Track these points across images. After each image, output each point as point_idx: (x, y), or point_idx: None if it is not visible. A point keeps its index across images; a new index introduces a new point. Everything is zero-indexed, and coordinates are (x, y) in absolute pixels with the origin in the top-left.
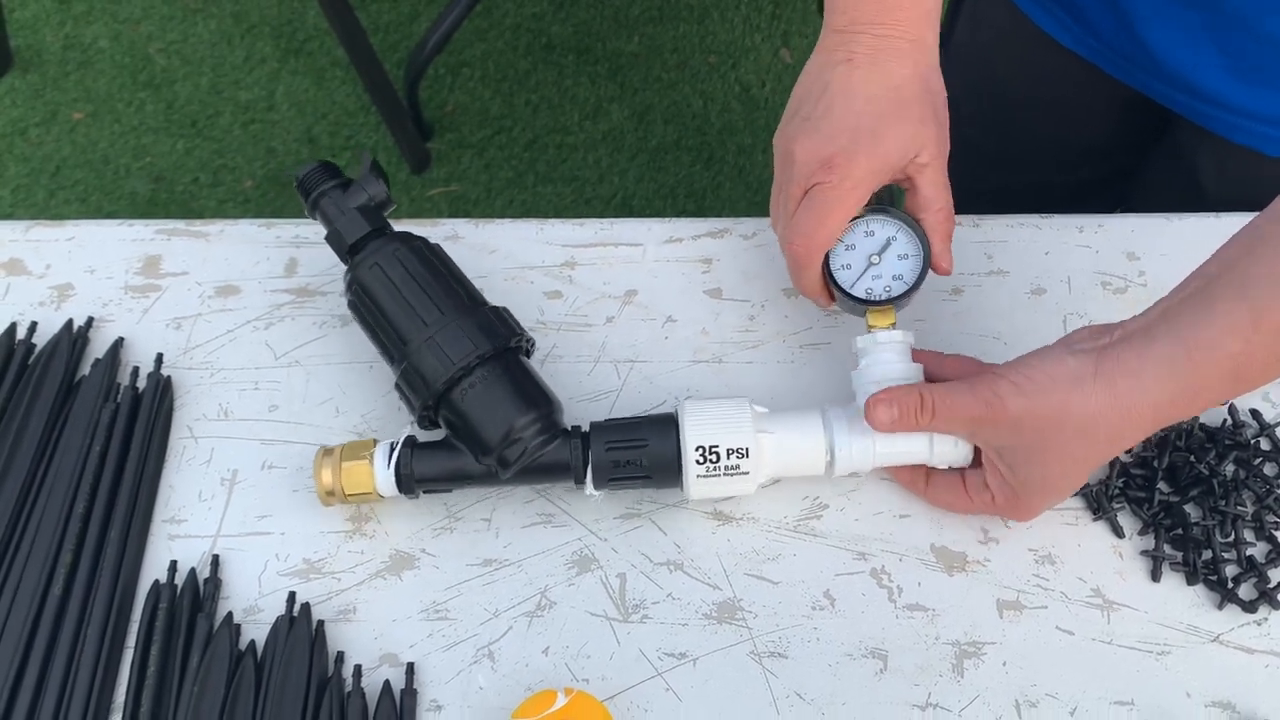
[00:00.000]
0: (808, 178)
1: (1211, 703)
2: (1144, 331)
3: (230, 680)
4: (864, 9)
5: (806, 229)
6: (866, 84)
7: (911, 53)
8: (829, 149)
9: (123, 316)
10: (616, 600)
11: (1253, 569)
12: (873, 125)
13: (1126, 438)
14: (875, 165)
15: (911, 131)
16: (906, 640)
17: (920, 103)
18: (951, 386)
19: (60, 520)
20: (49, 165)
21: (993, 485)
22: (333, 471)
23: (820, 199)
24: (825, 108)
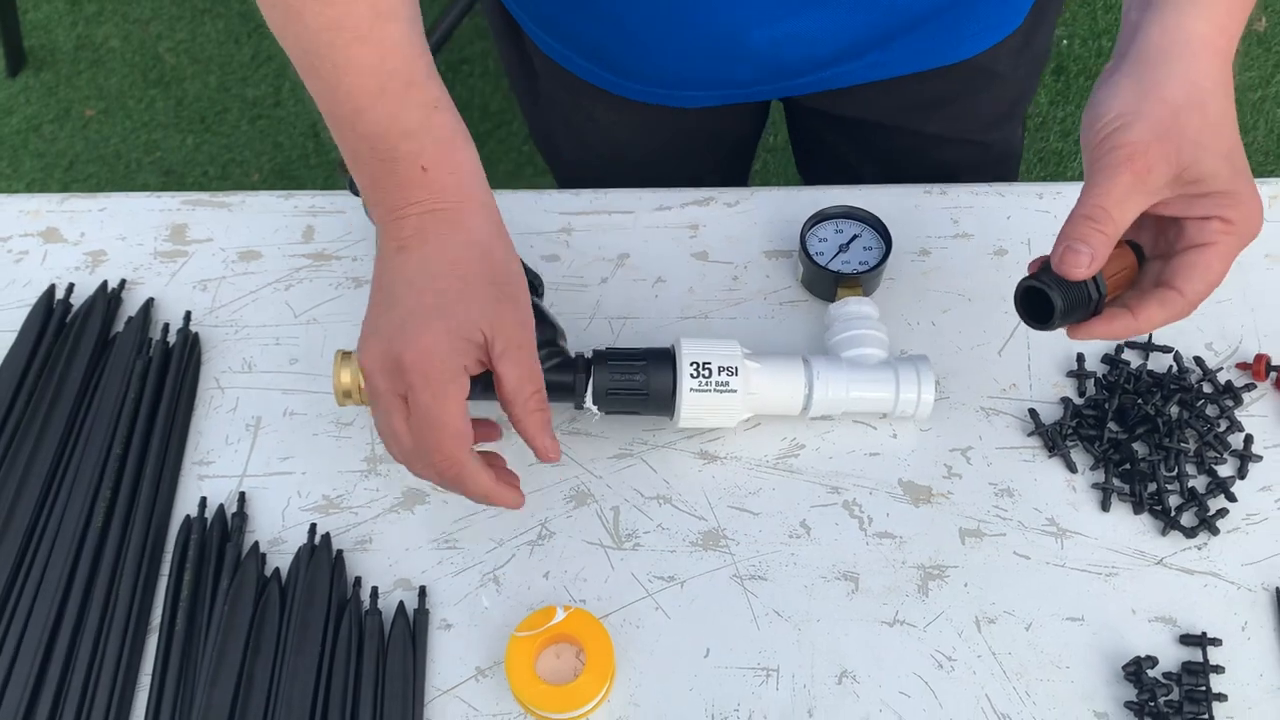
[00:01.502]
0: (391, 391)
1: (1155, 618)
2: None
3: (257, 602)
4: (398, 190)
5: (431, 446)
6: (423, 267)
7: (463, 219)
8: (398, 349)
9: (152, 279)
10: (611, 530)
11: (1194, 499)
12: (440, 307)
13: (1217, 70)
14: (458, 347)
15: (479, 312)
16: (876, 564)
17: (483, 279)
18: (1092, 184)
19: (99, 461)
20: (62, 160)
21: (1205, 212)
22: (351, 371)
23: (422, 414)
24: (387, 307)
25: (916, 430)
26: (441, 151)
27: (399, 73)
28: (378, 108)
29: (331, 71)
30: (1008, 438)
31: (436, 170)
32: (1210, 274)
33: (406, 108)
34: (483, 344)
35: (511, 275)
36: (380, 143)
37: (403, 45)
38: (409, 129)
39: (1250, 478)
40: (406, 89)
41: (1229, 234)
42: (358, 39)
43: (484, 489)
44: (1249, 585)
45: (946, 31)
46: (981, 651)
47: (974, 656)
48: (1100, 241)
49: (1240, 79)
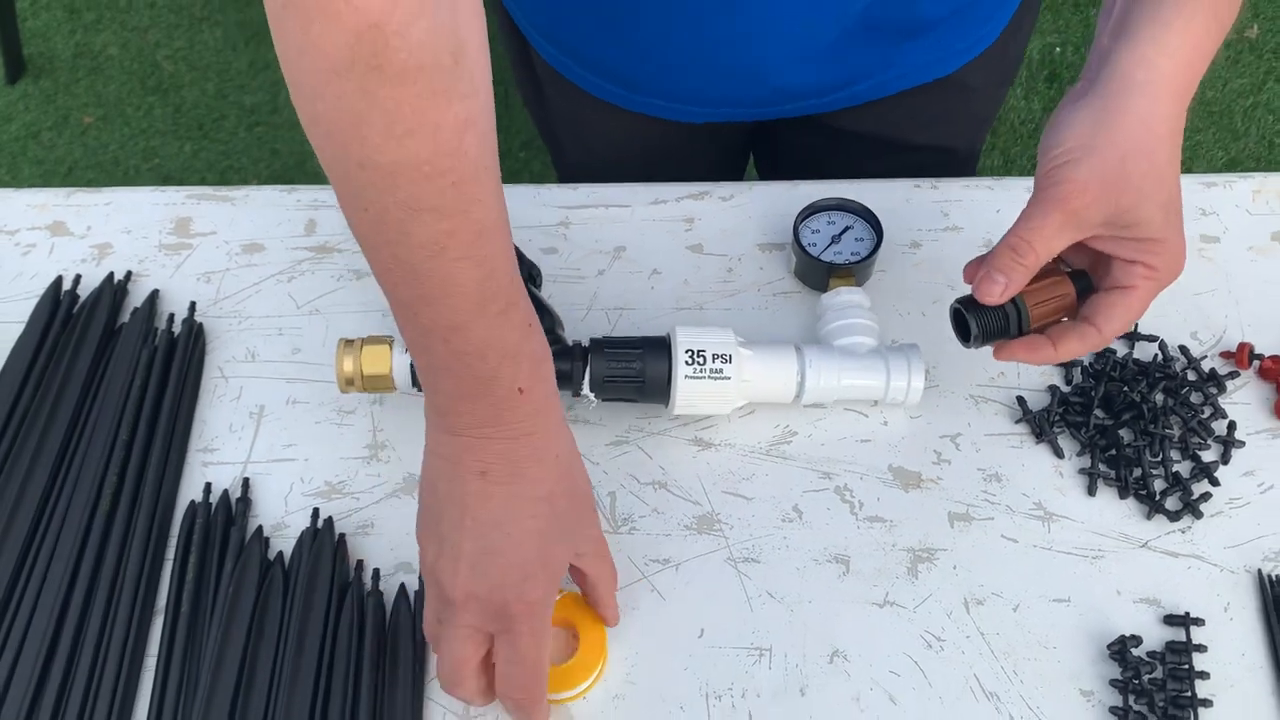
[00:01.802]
0: (481, 629)
1: (1139, 599)
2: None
3: (261, 584)
4: (490, 410)
5: (517, 684)
6: (517, 507)
7: (550, 443)
8: (505, 597)
9: (158, 272)
10: (608, 514)
11: (1178, 484)
12: (542, 555)
13: (1173, 117)
14: (556, 589)
15: (571, 542)
16: (866, 547)
17: (569, 504)
18: (1026, 215)
19: (106, 449)
20: (61, 167)
21: (1132, 256)
22: (353, 359)
23: (520, 658)
24: (478, 539)
25: (907, 417)
26: (536, 373)
27: (501, 293)
28: (478, 327)
29: (433, 286)
30: (996, 424)
31: (531, 393)
32: (1129, 314)
33: (507, 328)
34: (565, 566)
35: (584, 480)
36: (478, 361)
37: (504, 262)
38: (509, 350)
39: (1233, 463)
40: (507, 309)
41: (1151, 279)
42: (463, 257)
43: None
44: (1231, 567)
45: (940, 48)
46: (970, 632)
47: (963, 637)
48: (1018, 273)
49: (1232, 85)
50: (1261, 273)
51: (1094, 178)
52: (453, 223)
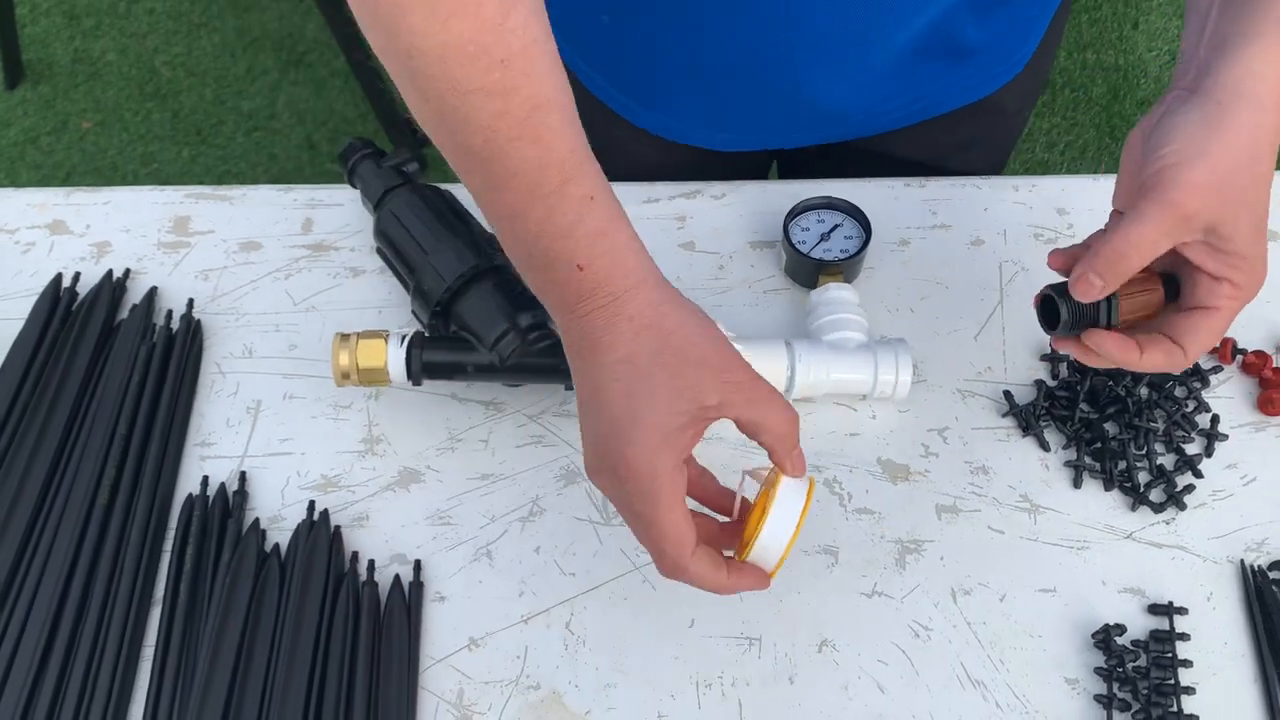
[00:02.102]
0: (619, 502)
1: (1124, 589)
2: (1214, 52)
3: (257, 576)
4: (558, 293)
5: (655, 552)
6: (601, 373)
7: (625, 309)
8: (609, 464)
9: (156, 269)
10: (599, 507)
11: (1162, 476)
12: (630, 413)
13: (1277, 131)
14: (659, 444)
15: (672, 397)
16: (855, 539)
17: (667, 362)
18: (1134, 219)
19: (104, 442)
20: (59, 172)
21: (1219, 272)
22: (349, 352)
23: (636, 523)
24: (588, 415)
25: (895, 411)
26: (595, 247)
27: (555, 169)
28: (535, 210)
29: (495, 171)
30: (983, 418)
31: (591, 267)
32: (1214, 335)
33: (562, 206)
34: (688, 422)
35: (688, 332)
36: (535, 247)
37: (561, 139)
38: (560, 229)
39: (1216, 456)
40: (563, 185)
41: (1235, 299)
42: (517, 136)
43: (714, 586)
44: (1214, 558)
45: (980, 71)
46: (957, 621)
47: (950, 626)
48: (1116, 276)
49: None
50: None
51: (1208, 181)
52: (504, 102)
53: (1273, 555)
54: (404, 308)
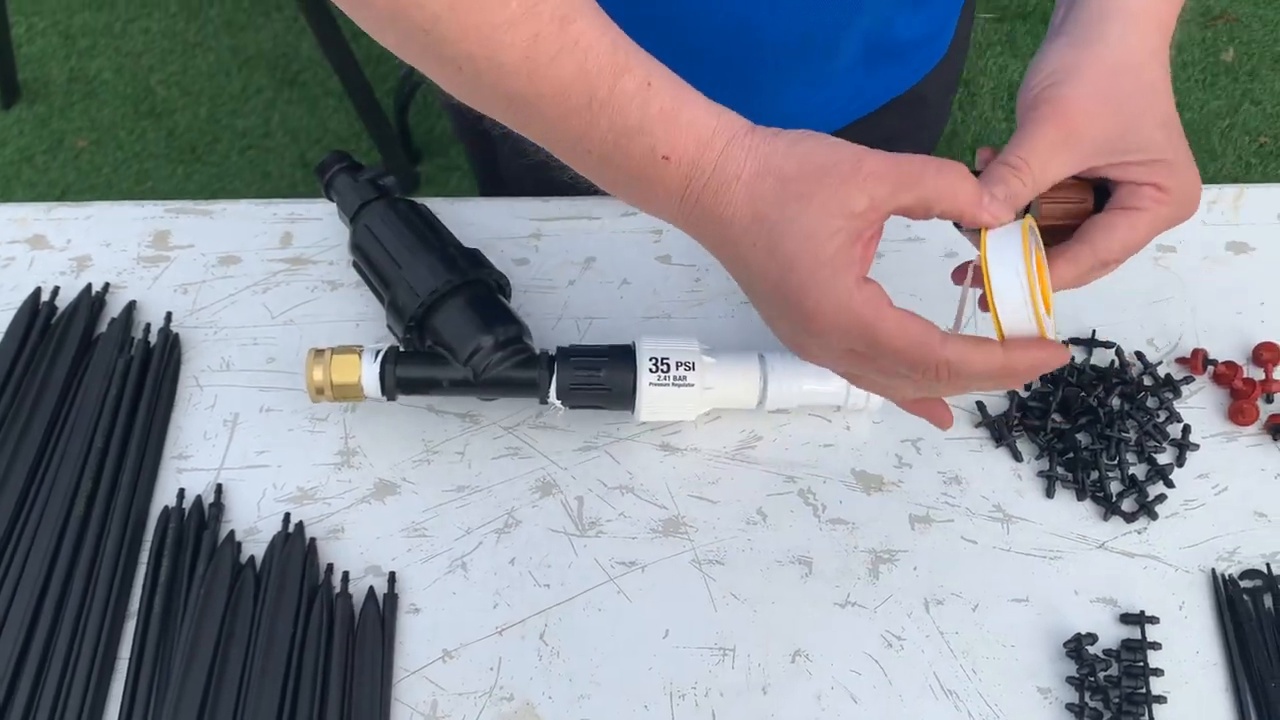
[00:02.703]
0: (840, 354)
1: (1096, 599)
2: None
3: (232, 588)
4: (653, 193)
5: (904, 368)
6: (738, 252)
7: (725, 174)
8: (791, 323)
9: (135, 284)
10: (575, 518)
11: (1134, 486)
12: (781, 280)
13: (1154, 38)
14: (816, 259)
15: (806, 225)
16: (829, 549)
17: (787, 197)
18: (1017, 137)
19: (82, 455)
20: (54, 190)
21: (1141, 179)
22: (323, 368)
23: (814, 355)
24: (756, 301)
25: (869, 422)
26: (672, 127)
27: (605, 69)
28: (597, 123)
29: (548, 105)
30: (956, 428)
31: (676, 151)
32: (1132, 235)
33: (623, 105)
34: (848, 240)
35: (808, 153)
36: (617, 158)
37: (597, 36)
38: (633, 125)
39: (1188, 466)
40: (616, 83)
41: (1162, 203)
42: (555, 55)
43: (992, 364)
44: (1186, 567)
45: (907, 66)
46: (930, 631)
47: (922, 636)
48: (1016, 187)
49: (1209, 107)
50: (1216, 281)
51: (1084, 92)
52: (533, 24)
53: (1244, 564)
54: (381, 321)
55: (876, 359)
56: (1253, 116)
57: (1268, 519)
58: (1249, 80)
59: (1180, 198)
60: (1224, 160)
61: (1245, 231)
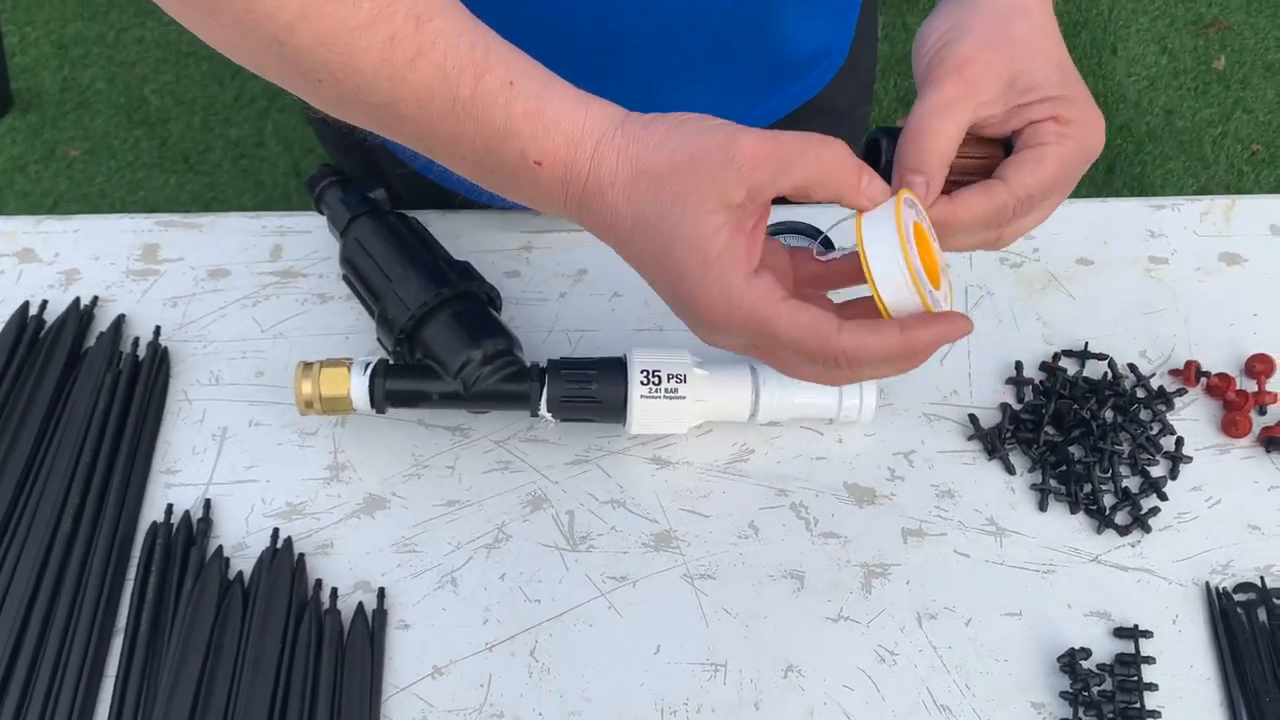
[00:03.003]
0: (733, 343)
1: (1090, 613)
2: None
3: (220, 604)
4: (535, 193)
5: (802, 356)
6: (630, 248)
7: (602, 174)
8: (691, 318)
9: (124, 297)
10: (566, 533)
11: (1127, 499)
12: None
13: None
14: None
15: (692, 222)
16: (821, 563)
17: (662, 200)
18: (920, 99)
19: (69, 469)
20: (46, 200)
21: (1040, 115)
22: (312, 381)
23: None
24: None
25: (861, 435)
26: (538, 130)
27: (466, 68)
28: (466, 128)
29: (413, 110)
30: (949, 442)
31: (547, 156)
32: (1042, 171)
33: (486, 107)
34: (731, 231)
35: (679, 147)
36: (492, 163)
37: (455, 37)
38: (500, 129)
39: (1181, 478)
40: (478, 84)
41: (1065, 136)
42: (413, 57)
43: (888, 347)
44: (1180, 580)
45: (803, 81)
46: (923, 646)
47: (915, 651)
48: (931, 162)
49: (1201, 114)
50: (1209, 293)
51: (975, 44)
52: (386, 26)
53: (1238, 578)
54: (371, 334)
55: (777, 349)
56: (1245, 124)
57: (1261, 531)
58: (1241, 88)
59: (1082, 130)
60: (1216, 168)
61: (1238, 243)
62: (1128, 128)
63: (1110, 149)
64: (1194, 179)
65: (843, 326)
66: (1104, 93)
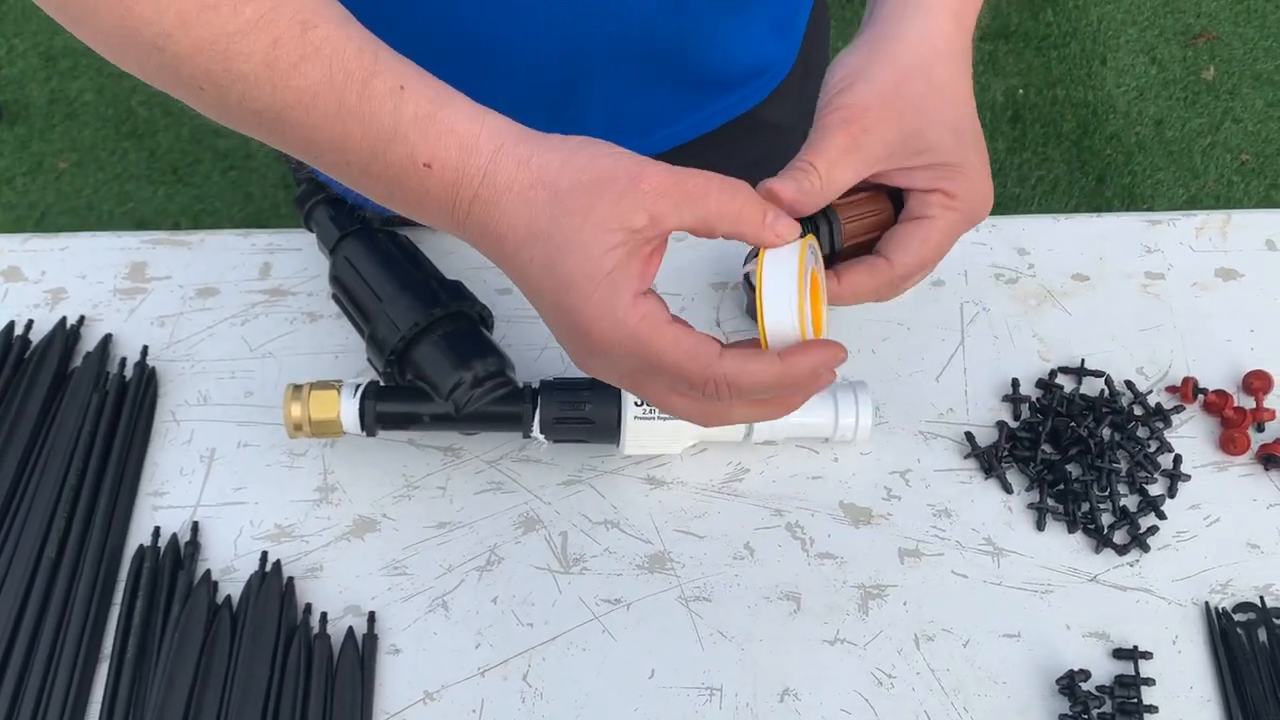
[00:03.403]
0: (611, 373)
1: (1089, 633)
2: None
3: (208, 629)
4: (424, 202)
5: (685, 385)
6: (515, 262)
7: (498, 180)
8: (570, 347)
9: (111, 316)
10: (559, 555)
11: (1125, 518)
12: (558, 283)
13: (951, 35)
14: (596, 291)
15: (584, 245)
16: (817, 585)
17: (563, 216)
18: (807, 142)
19: (54, 492)
20: (34, 212)
21: (927, 185)
22: (301, 404)
23: (635, 367)
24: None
25: (857, 454)
26: (430, 132)
27: (352, 74)
28: (352, 132)
29: (303, 116)
30: (945, 460)
31: (438, 158)
32: (925, 248)
33: (375, 111)
34: (626, 255)
35: (584, 166)
36: (378, 168)
37: (343, 42)
38: (388, 130)
39: (1180, 496)
40: (366, 88)
41: (950, 209)
42: (298, 61)
43: (768, 376)
44: (1179, 600)
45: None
46: (920, 668)
47: (913, 673)
48: (806, 186)
49: (1191, 125)
50: (1205, 308)
51: (872, 97)
52: (269, 31)
53: (1237, 597)
54: (362, 353)
55: (655, 375)
56: (1234, 134)
57: (1260, 550)
58: (1230, 98)
59: (967, 204)
60: (1206, 178)
61: (1234, 258)
62: (1117, 138)
63: (1100, 159)
64: (1184, 189)
65: (724, 352)
66: (1094, 103)
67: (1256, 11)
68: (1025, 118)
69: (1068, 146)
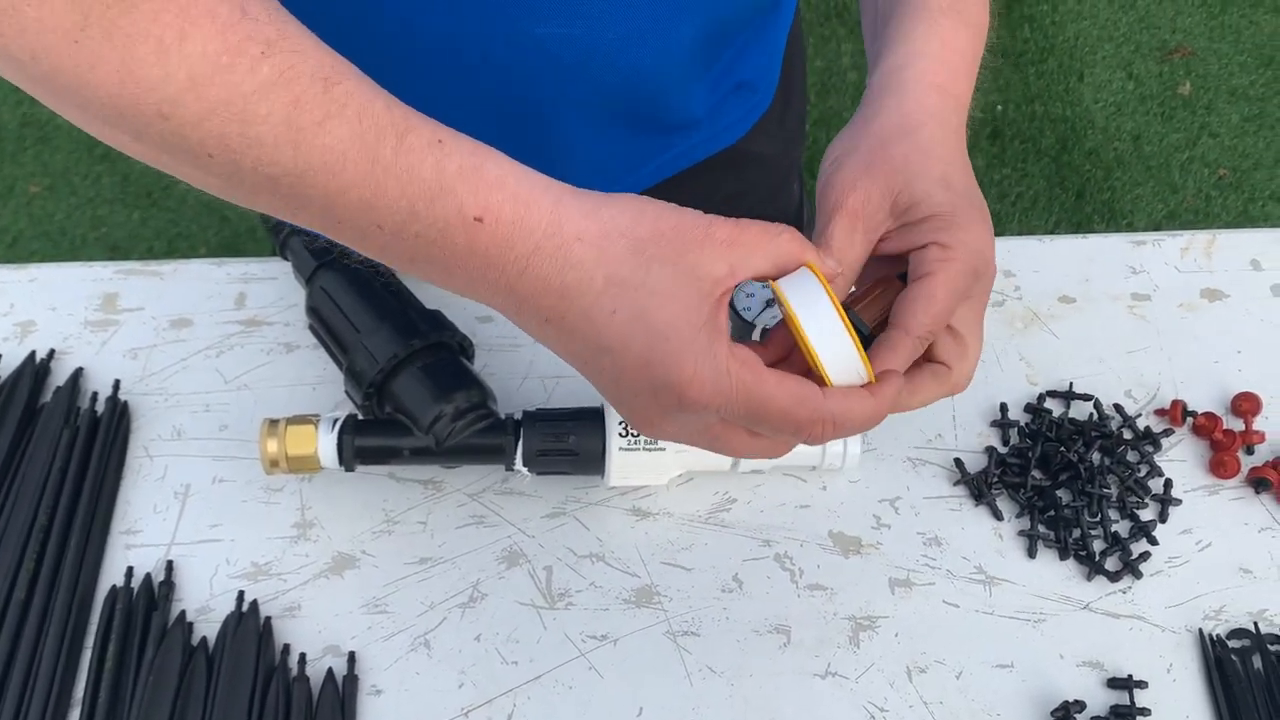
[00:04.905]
0: (699, 432)
1: (1082, 662)
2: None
3: (183, 672)
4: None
5: (790, 430)
6: (581, 331)
7: (556, 235)
8: (654, 416)
9: (82, 349)
10: (543, 590)
11: (1117, 544)
12: (639, 347)
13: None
14: (682, 340)
15: (663, 303)
16: (807, 617)
17: (631, 270)
18: (817, 232)
19: (24, 531)
20: (5, 237)
21: (922, 240)
22: (278, 440)
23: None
24: (608, 384)
25: (846, 482)
26: (480, 184)
27: (385, 128)
28: (386, 190)
29: (322, 178)
30: (934, 487)
31: (490, 210)
32: (932, 305)
33: (414, 165)
34: (713, 308)
35: (657, 218)
36: (417, 229)
37: (368, 98)
38: (431, 187)
39: (1171, 521)
40: (401, 143)
41: (947, 260)
42: (323, 119)
43: (874, 409)
44: (1173, 627)
45: (710, 131)
46: (913, 701)
47: (906, 707)
48: (830, 271)
49: (1168, 140)
50: (1192, 329)
51: (859, 169)
52: (289, 89)
53: (1231, 623)
54: (339, 384)
55: (752, 423)
56: (1211, 149)
57: (1253, 575)
58: (1206, 113)
59: (964, 253)
60: (1184, 193)
61: (1219, 278)
62: (1096, 153)
63: (1079, 175)
64: (1163, 204)
65: (828, 393)
66: (1072, 119)
67: (1231, 27)
68: (1004, 134)
69: (1047, 162)
